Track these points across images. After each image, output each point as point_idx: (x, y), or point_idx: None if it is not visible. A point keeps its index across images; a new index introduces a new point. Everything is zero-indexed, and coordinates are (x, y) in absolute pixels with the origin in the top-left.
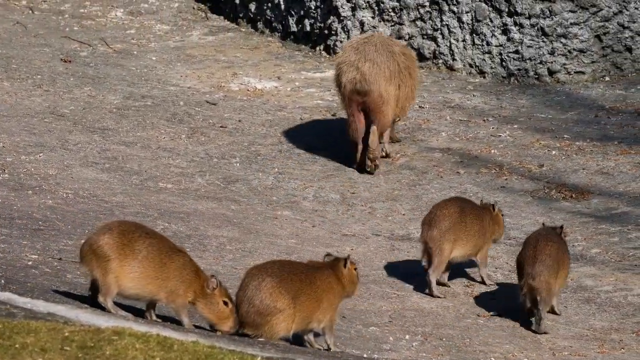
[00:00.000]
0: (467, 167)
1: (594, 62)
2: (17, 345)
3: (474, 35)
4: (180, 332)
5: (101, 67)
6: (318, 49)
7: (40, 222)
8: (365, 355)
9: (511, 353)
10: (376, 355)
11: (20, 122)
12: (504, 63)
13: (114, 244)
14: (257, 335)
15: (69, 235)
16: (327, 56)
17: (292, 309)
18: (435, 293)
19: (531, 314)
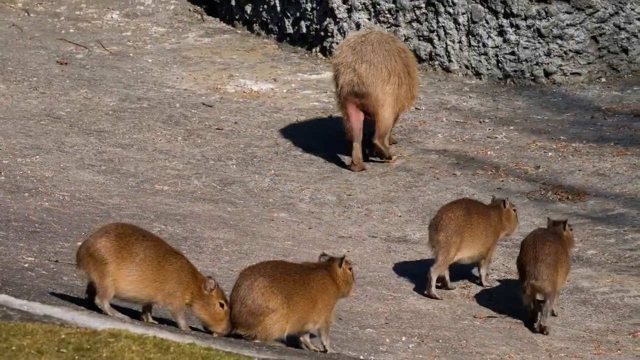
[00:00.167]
0: (464, 168)
1: (590, 64)
2: (13, 348)
3: (470, 36)
4: (177, 334)
5: (97, 70)
6: (314, 50)
7: (36, 225)
8: (361, 357)
9: (507, 355)
10: (372, 357)
11: (17, 125)
12: (500, 64)
13: (111, 247)
14: (251, 336)
15: (65, 238)
16: (323, 58)
17: (285, 309)
18: (433, 292)
19: (534, 315)
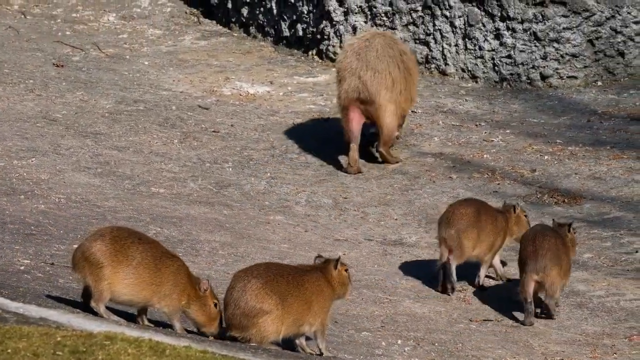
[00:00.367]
0: (460, 172)
1: (587, 67)
2: (9, 350)
3: (466, 40)
4: (173, 337)
5: (93, 72)
6: (310, 53)
7: (32, 227)
8: None
9: (503, 358)
10: None
11: (13, 127)
12: (496, 68)
13: (106, 250)
14: (246, 339)
15: (61, 240)
16: (320, 61)
17: (279, 310)
18: (454, 281)
19: (529, 309)
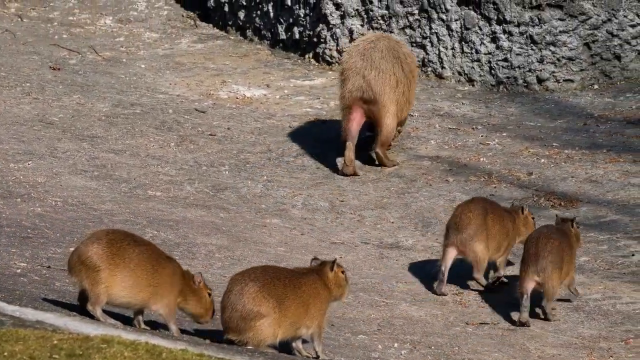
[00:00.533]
0: (456, 175)
1: (583, 70)
2: (5, 353)
3: (462, 43)
4: (169, 340)
5: (90, 75)
6: (307, 56)
7: (29, 230)
8: None
9: None
10: None
11: (9, 130)
12: (492, 71)
13: (103, 253)
14: (243, 342)
15: (57, 243)
16: (316, 64)
17: (276, 313)
18: (485, 282)
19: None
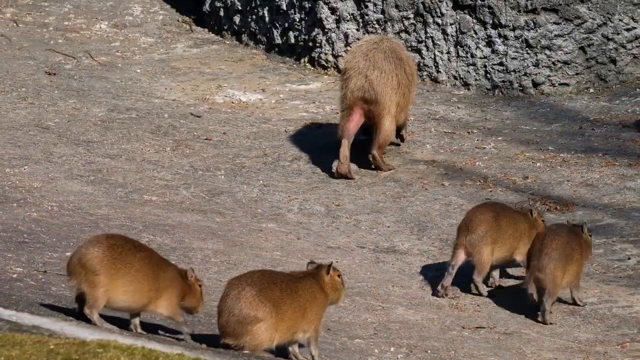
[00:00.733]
0: (452, 179)
1: (578, 74)
2: (2, 358)
3: (458, 47)
4: (166, 345)
5: (86, 80)
6: (302, 61)
7: (25, 235)
8: None
9: None
10: None
11: (5, 135)
12: (488, 75)
13: (103, 257)
14: (239, 346)
15: (53, 248)
16: (312, 68)
17: (273, 317)
18: (484, 292)
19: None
